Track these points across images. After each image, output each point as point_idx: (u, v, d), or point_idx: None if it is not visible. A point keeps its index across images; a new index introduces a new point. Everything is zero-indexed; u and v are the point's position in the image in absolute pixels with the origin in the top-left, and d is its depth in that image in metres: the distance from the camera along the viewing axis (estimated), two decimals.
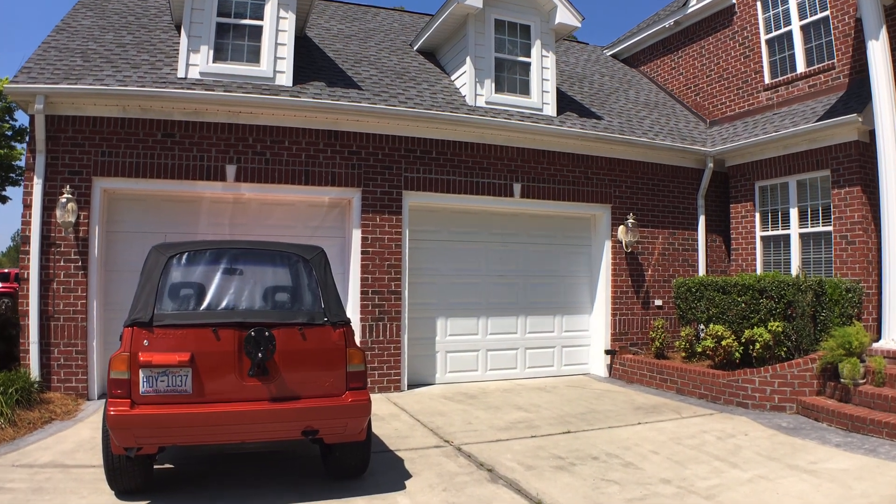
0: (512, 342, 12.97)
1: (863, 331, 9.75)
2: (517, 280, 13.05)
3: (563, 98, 14.29)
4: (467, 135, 12.23)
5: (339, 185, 11.35)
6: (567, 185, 13.04)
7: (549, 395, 11.32)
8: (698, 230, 14.46)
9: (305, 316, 6.30)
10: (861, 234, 11.68)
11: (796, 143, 12.73)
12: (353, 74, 12.49)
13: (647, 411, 10.07)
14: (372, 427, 6.89)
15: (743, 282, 11.50)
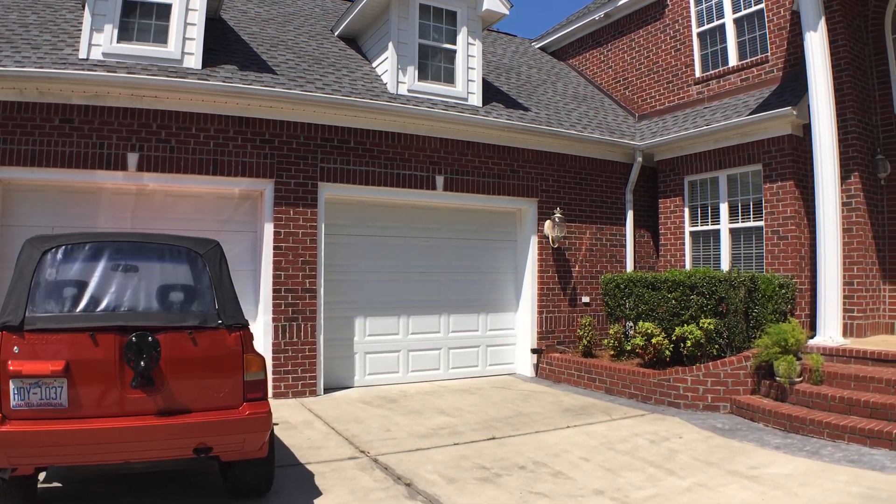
0: (435, 342, 12.23)
1: (799, 328, 9.33)
2: (440, 277, 12.33)
3: (489, 88, 13.64)
4: (388, 124, 11.44)
5: (250, 176, 10.40)
6: (492, 177, 12.38)
7: (473, 397, 10.63)
8: (626, 225, 13.98)
9: (197, 318, 5.47)
10: (794, 230, 11.33)
11: (728, 137, 12.33)
12: (269, 59, 11.57)
13: (575, 413, 9.46)
14: (281, 438, 6.13)
15: (673, 278, 11.04)
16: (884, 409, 7.85)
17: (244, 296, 10.44)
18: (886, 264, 11.54)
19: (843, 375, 8.77)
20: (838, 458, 7.14)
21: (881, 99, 11.65)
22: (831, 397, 8.37)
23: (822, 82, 10.12)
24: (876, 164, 11.44)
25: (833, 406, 8.32)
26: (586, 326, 12.26)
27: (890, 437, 7.38)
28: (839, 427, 7.80)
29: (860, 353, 9.31)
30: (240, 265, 10.40)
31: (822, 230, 10.08)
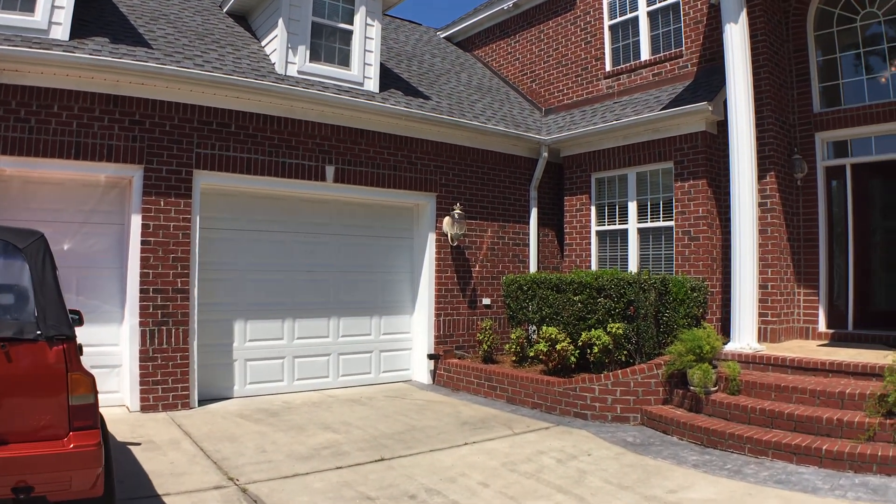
0: (323, 347, 10.99)
1: (714, 334, 8.55)
2: (329, 276, 11.10)
3: (388, 75, 12.52)
4: (274, 107, 10.15)
5: (117, 161, 8.94)
6: (388, 169, 11.26)
7: (363, 408, 9.45)
8: (530, 224, 13.08)
9: (10, 328, 4.26)
10: (705, 230, 10.63)
11: (638, 133, 11.58)
12: (146, 32, 10.12)
13: (474, 427, 8.42)
14: (140, 461, 4.86)
15: (579, 279, 10.20)
16: (809, 423, 7.09)
17: (109, 296, 9.15)
18: (801, 267, 10.97)
19: (762, 385, 8.02)
20: (764, 477, 6.30)
21: (799, 98, 11.09)
22: (751, 409, 7.57)
23: (741, 77, 9.43)
24: (793, 164, 10.86)
25: (754, 418, 7.52)
26: (487, 330, 11.29)
27: (819, 453, 6.60)
28: (762, 442, 6.99)
29: (779, 361, 8.59)
30: (105, 262, 9.12)
31: (737, 231, 9.38)
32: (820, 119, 10.85)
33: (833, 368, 8.11)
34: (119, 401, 9.05)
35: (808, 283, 10.91)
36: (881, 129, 10.24)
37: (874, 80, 10.47)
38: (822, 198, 10.88)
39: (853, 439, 6.75)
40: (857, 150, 10.65)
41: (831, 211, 10.93)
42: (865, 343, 9.99)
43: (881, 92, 10.34)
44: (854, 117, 10.45)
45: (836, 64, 10.86)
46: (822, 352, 9.13)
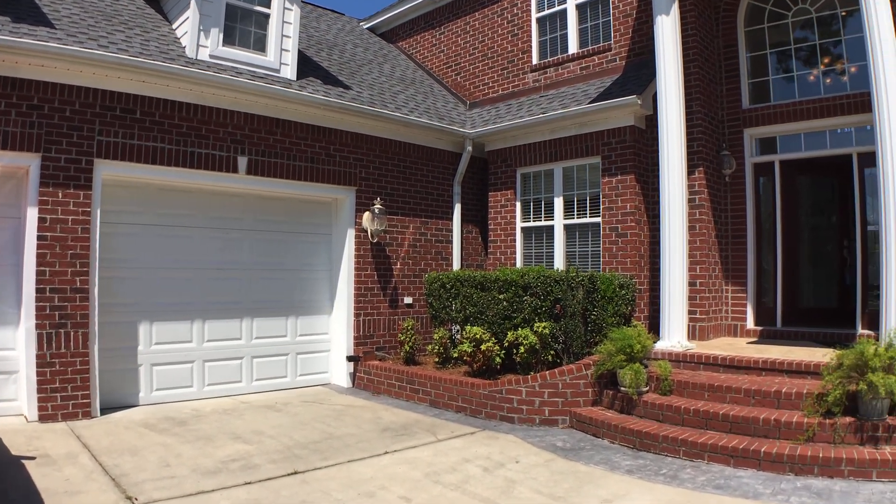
0: (235, 350, 10.22)
1: (644, 333, 8.20)
2: (242, 275, 10.33)
3: (307, 63, 11.85)
4: (184, 93, 9.35)
5: (13, 149, 8.02)
6: (305, 161, 10.57)
7: (278, 415, 8.76)
8: (454, 220, 12.58)
9: None
10: (633, 227, 10.30)
11: (565, 128, 11.19)
12: (51, 12, 9.20)
13: (396, 434, 7.84)
14: (34, 478, 4.17)
15: (505, 277, 9.74)
16: (745, 424, 6.76)
17: (6, 296, 8.20)
18: (730, 264, 10.76)
19: (694, 385, 7.67)
20: (702, 483, 5.92)
21: (728, 94, 10.89)
22: (685, 410, 7.21)
23: (671, 70, 9.14)
24: (721, 160, 10.63)
25: (688, 420, 7.16)
26: (408, 330, 10.73)
27: (757, 455, 6.26)
28: (697, 445, 6.63)
29: (710, 359, 8.28)
30: (0, 259, 8.22)
31: (667, 227, 9.08)
32: (749, 115, 10.67)
33: (766, 367, 7.84)
34: (17, 410, 8.15)
35: (737, 280, 10.71)
36: (810, 125, 10.10)
37: (804, 77, 10.34)
38: (750, 194, 10.70)
39: (792, 440, 6.44)
40: (785, 146, 10.50)
41: (759, 208, 10.76)
42: (794, 340, 9.83)
43: (811, 88, 10.23)
44: (783, 114, 10.28)
45: (765, 60, 10.71)
46: (752, 349, 8.88)
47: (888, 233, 7.39)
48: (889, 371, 6.38)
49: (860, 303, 9.71)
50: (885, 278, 7.41)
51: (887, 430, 6.28)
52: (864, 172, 9.76)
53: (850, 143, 9.91)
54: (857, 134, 9.85)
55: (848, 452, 6.08)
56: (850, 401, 6.53)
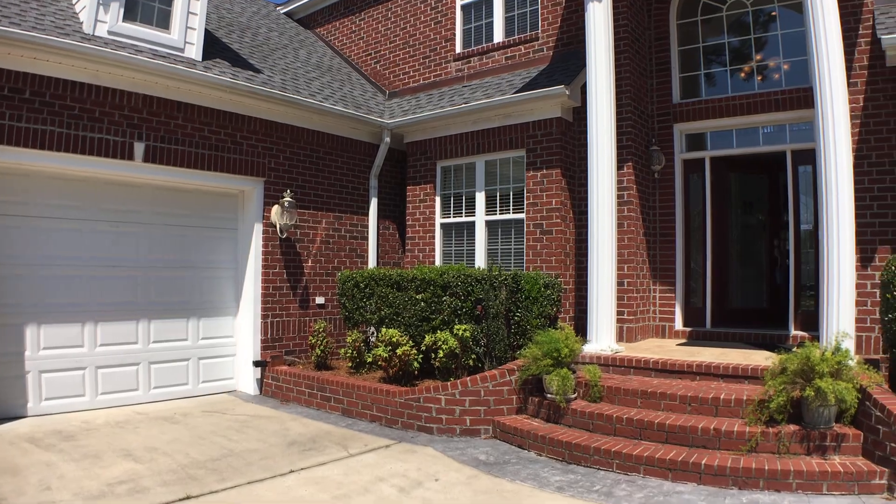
0: (131, 355, 9.17)
1: (573, 335, 7.57)
2: (138, 273, 9.31)
3: (214, 44, 10.86)
4: (78, 72, 8.31)
5: None
6: (209, 149, 9.62)
7: (176, 428, 7.81)
8: (370, 215, 11.79)
9: None
10: (559, 223, 9.72)
11: (488, 119, 10.55)
12: None
13: (304, 448, 7.01)
14: None
15: (423, 276, 9.05)
16: (683, 433, 6.20)
17: None
18: (658, 263, 10.31)
19: (626, 391, 7.09)
20: (640, 500, 5.31)
21: (659, 87, 10.45)
22: (617, 418, 6.62)
23: (602, 60, 8.61)
24: (650, 156, 10.17)
25: (620, 429, 6.57)
26: (320, 333, 9.90)
27: (697, 468, 5.70)
28: (632, 457, 6.03)
29: (641, 363, 7.74)
30: None
31: (595, 225, 8.53)
32: (679, 110, 10.24)
33: (701, 371, 7.32)
34: None
35: (665, 279, 10.26)
36: (742, 121, 9.76)
37: (737, 72, 10.00)
38: (679, 191, 10.27)
39: (734, 451, 5.91)
40: (717, 143, 10.13)
41: (689, 205, 10.35)
42: (724, 342, 9.44)
43: (744, 84, 9.90)
44: (714, 109, 9.91)
45: (697, 54, 10.32)
46: (683, 352, 8.40)
47: (830, 233, 6.98)
48: (837, 377, 5.92)
49: (793, 303, 9.36)
50: (826, 280, 6.99)
51: (835, 439, 5.82)
52: (797, 170, 9.44)
53: (783, 141, 9.60)
54: (791, 131, 9.53)
55: (795, 464, 5.58)
56: (794, 408, 6.05)
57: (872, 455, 5.67)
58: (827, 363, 5.88)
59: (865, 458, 5.74)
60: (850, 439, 5.84)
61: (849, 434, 5.85)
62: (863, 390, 5.94)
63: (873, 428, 5.72)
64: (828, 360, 5.91)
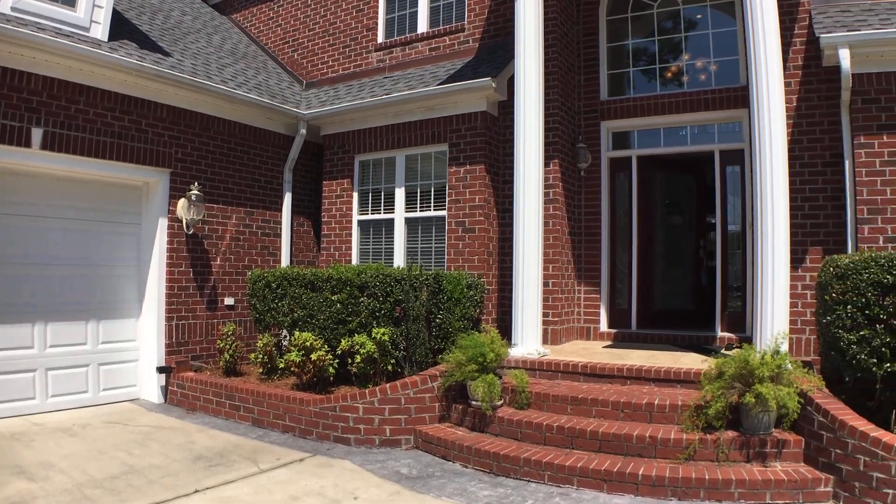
0: (26, 361, 8.23)
1: (498, 339, 7.11)
2: (32, 271, 8.38)
3: (123, 24, 9.99)
4: None
5: None
6: (112, 137, 8.79)
7: (73, 441, 7.00)
8: (283, 211, 11.11)
9: None
10: (482, 221, 9.29)
11: (410, 111, 10.02)
12: None
13: (210, 464, 6.34)
14: None
15: (339, 275, 8.48)
16: (617, 442, 5.82)
17: None
18: (583, 263, 9.98)
19: (555, 397, 6.68)
20: None
21: (586, 84, 10.14)
22: (547, 426, 6.19)
23: (532, 51, 8.19)
24: (577, 153, 9.83)
25: (551, 438, 6.14)
26: (229, 336, 9.18)
27: (634, 479, 5.33)
28: (565, 468, 5.61)
29: (570, 367, 7.34)
30: None
31: (521, 223, 8.11)
32: (607, 107, 9.95)
33: (632, 375, 6.98)
34: None
35: (590, 280, 9.94)
36: (670, 120, 9.54)
37: (666, 71, 9.78)
38: (605, 190, 9.98)
39: (671, 459, 5.56)
40: (644, 141, 9.88)
41: (615, 204, 10.05)
42: (651, 343, 9.18)
43: (672, 83, 9.69)
44: (643, 107, 9.66)
45: (627, 51, 10.07)
46: (611, 354, 8.07)
47: (765, 234, 6.70)
48: (777, 381, 5.62)
49: (720, 305, 9.17)
50: (760, 281, 6.71)
51: (776, 445, 5.53)
52: (725, 170, 9.27)
53: (712, 141, 9.43)
54: (719, 131, 9.36)
55: (736, 472, 5.26)
56: (732, 413, 5.74)
57: (815, 462, 5.42)
58: (767, 367, 5.58)
59: (808, 464, 5.48)
60: (791, 445, 5.58)
61: (790, 440, 5.59)
62: (803, 395, 5.67)
63: (816, 434, 5.46)
64: (767, 363, 5.61)
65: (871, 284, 5.88)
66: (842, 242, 7.84)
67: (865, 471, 5.02)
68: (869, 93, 7.45)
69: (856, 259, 6.09)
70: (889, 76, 7.39)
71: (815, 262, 8.08)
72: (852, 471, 5.10)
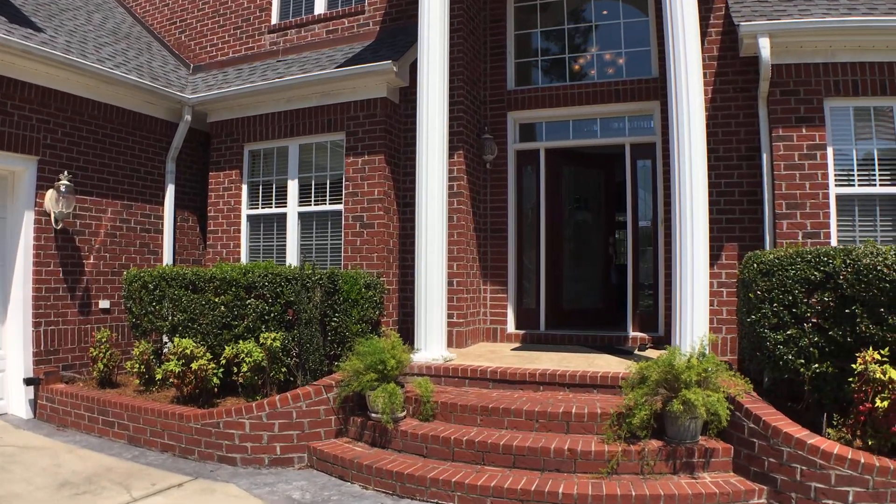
0: None
1: (400, 344, 6.39)
2: None
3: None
4: None
5: None
6: None
7: None
8: (166, 204, 10.02)
9: None
10: (381, 216, 8.57)
11: (305, 97, 9.19)
12: None
13: (77, 492, 5.37)
14: None
15: (223, 275, 7.59)
16: (533, 456, 5.20)
17: None
18: (488, 261, 9.36)
19: (463, 407, 5.99)
20: None
21: (493, 72, 9.55)
22: (455, 441, 5.51)
23: (436, 33, 7.51)
24: (482, 145, 9.23)
25: (460, 454, 5.46)
26: (103, 343, 8.13)
27: (555, 497, 4.74)
28: (476, 488, 4.95)
29: (477, 373, 6.68)
30: None
31: (424, 218, 7.40)
32: (514, 97, 9.38)
33: (545, 380, 6.40)
34: None
35: (496, 278, 9.34)
36: (580, 111, 9.08)
37: (576, 60, 9.32)
38: (512, 184, 9.41)
39: (593, 474, 4.99)
40: (552, 134, 9.37)
41: (522, 199, 9.49)
42: (561, 344, 8.67)
43: (582, 73, 9.24)
44: (551, 98, 9.15)
45: (535, 39, 9.55)
46: (521, 357, 7.48)
47: (684, 230, 6.28)
48: (704, 385, 5.14)
49: (631, 304, 8.74)
50: (679, 279, 6.28)
51: (703, 455, 5.04)
52: (636, 164, 8.87)
53: (622, 133, 9.01)
54: (630, 124, 8.95)
55: (664, 486, 4.74)
56: (656, 421, 5.22)
57: (747, 471, 4.96)
58: (693, 371, 5.08)
59: (739, 474, 5.02)
60: (719, 454, 5.10)
61: (718, 448, 5.11)
62: (732, 399, 5.20)
63: (747, 441, 5.00)
64: (693, 367, 5.11)
65: (798, 281, 5.49)
66: (758, 238, 7.50)
67: (803, 481, 4.59)
68: (788, 84, 7.13)
69: (781, 254, 5.70)
70: (808, 67, 7.09)
71: (730, 259, 7.72)
72: (788, 481, 4.66)
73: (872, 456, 4.59)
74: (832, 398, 5.38)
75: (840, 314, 5.32)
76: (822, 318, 5.41)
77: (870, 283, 5.19)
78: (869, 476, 4.47)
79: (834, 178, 7.03)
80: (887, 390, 4.72)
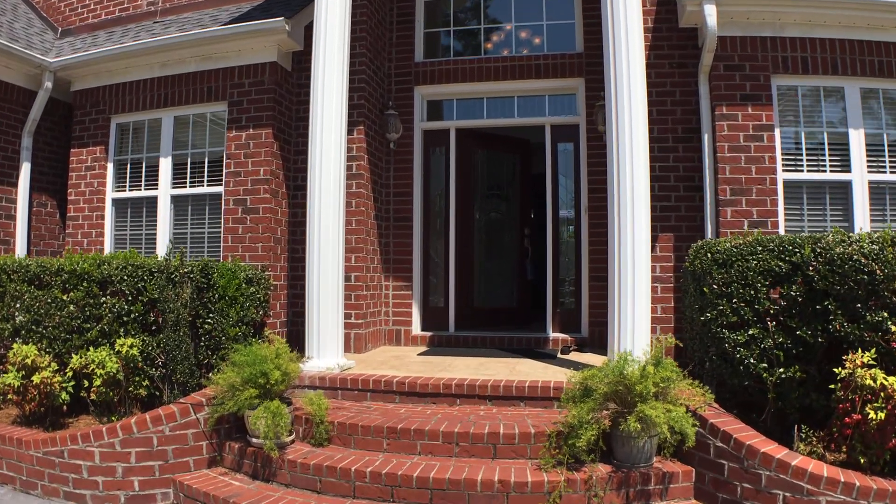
0: None
1: (286, 351, 5.08)
2: None
3: None
4: None
5: None
6: None
7: None
8: (19, 186, 8.25)
9: None
10: (268, 199, 7.21)
11: (182, 60, 7.71)
12: None
13: None
14: None
15: (72, 267, 6.10)
16: (455, 490, 4.04)
17: None
18: (391, 254, 8.15)
19: (366, 428, 4.75)
20: None
21: (399, 42, 8.32)
22: (357, 473, 4.26)
23: None
24: (386, 122, 8.00)
25: (363, 489, 4.23)
26: None
27: None
28: None
29: (381, 384, 5.44)
30: None
31: (318, 201, 6.12)
32: (422, 71, 8.20)
33: (462, 392, 5.24)
34: None
35: (400, 273, 8.13)
36: (495, 88, 8.02)
37: (492, 32, 8.25)
38: (419, 167, 8.22)
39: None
40: (465, 112, 8.27)
41: (430, 184, 8.33)
42: (475, 348, 7.57)
43: (499, 46, 8.19)
44: (464, 72, 8.05)
45: (447, 8, 8.43)
46: (431, 364, 6.31)
47: (624, 218, 5.30)
48: (663, 398, 4.14)
49: (551, 302, 7.74)
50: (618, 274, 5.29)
51: (661, 481, 4.07)
52: (557, 148, 7.89)
53: (542, 113, 7.99)
54: (551, 103, 7.95)
55: None
56: (605, 442, 4.19)
57: (713, 498, 4.06)
58: (650, 381, 4.05)
59: (702, 501, 4.09)
60: (679, 478, 4.13)
61: (677, 472, 4.14)
62: (693, 413, 4.23)
63: (713, 463, 4.07)
64: (649, 376, 4.08)
65: (761, 273, 4.61)
66: (697, 229, 6.58)
67: None
68: (732, 58, 6.25)
69: (740, 243, 4.79)
70: (755, 41, 6.25)
71: (665, 251, 6.75)
72: None
73: (866, 477, 3.76)
74: (797, 407, 4.53)
75: (809, 311, 4.48)
76: (788, 315, 4.53)
77: (844, 274, 4.35)
78: (865, 501, 3.64)
79: (781, 163, 6.20)
80: (880, 399, 3.87)
